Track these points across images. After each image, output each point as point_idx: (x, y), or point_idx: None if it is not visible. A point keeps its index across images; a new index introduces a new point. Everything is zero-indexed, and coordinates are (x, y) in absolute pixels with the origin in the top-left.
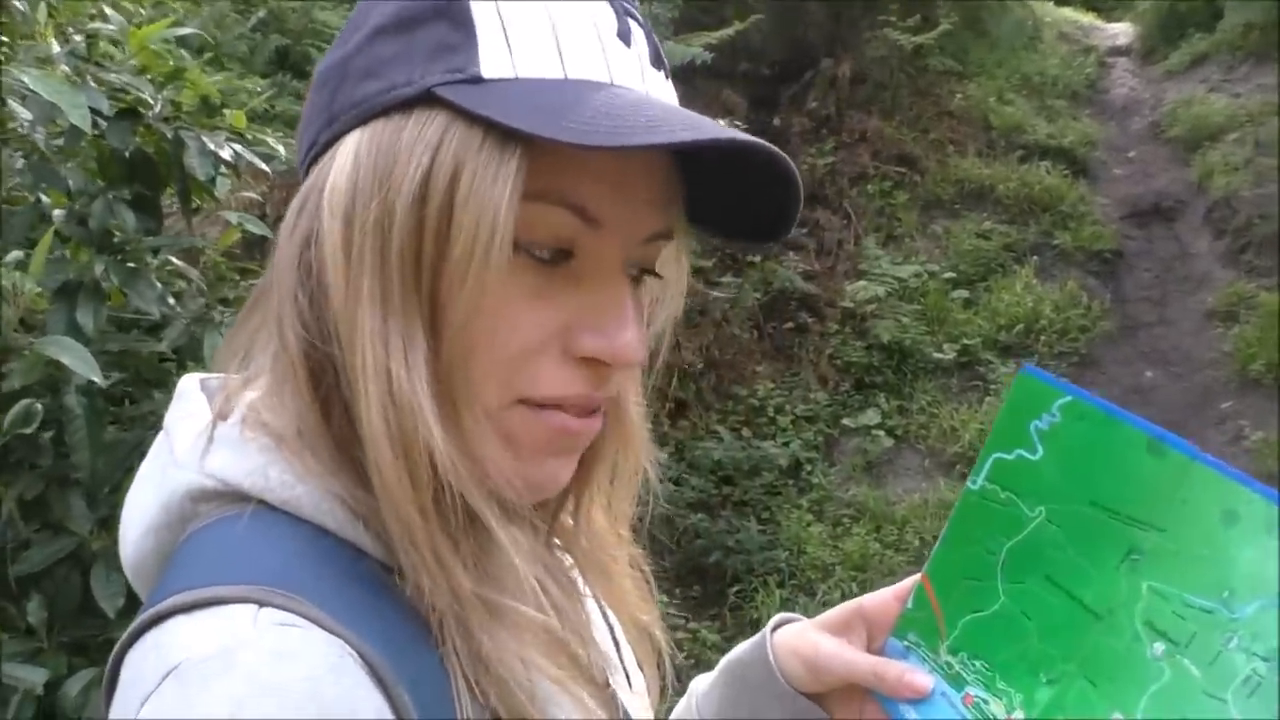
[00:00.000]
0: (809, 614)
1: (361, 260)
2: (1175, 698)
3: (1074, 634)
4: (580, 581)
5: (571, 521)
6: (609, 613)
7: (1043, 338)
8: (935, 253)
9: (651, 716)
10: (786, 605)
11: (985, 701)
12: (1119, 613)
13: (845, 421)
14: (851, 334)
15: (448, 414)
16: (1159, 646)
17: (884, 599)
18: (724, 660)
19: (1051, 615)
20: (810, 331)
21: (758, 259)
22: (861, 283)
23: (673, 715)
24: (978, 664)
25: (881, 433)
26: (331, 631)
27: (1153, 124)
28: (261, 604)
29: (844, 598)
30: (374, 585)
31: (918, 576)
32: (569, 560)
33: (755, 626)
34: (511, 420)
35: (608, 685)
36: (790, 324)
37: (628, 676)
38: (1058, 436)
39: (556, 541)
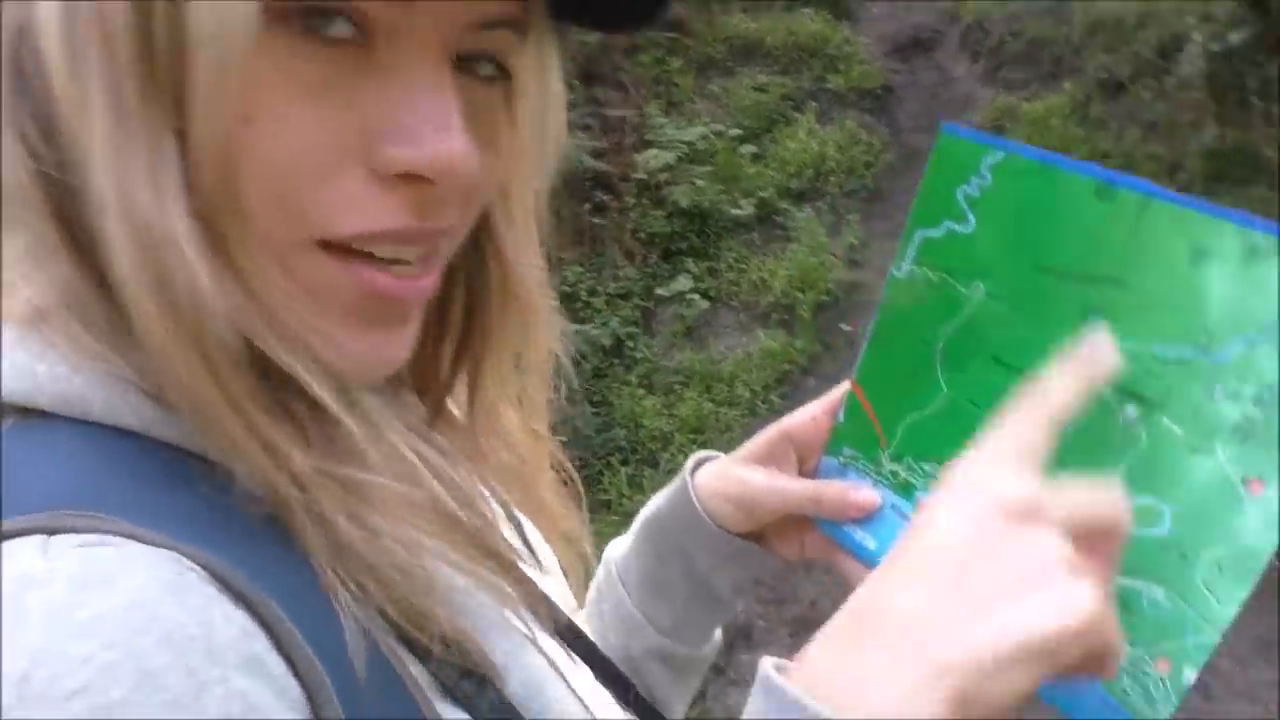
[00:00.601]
0: (655, 485)
1: (85, 49)
2: (1155, 462)
3: None
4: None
5: (465, 418)
6: (519, 515)
7: (832, 178)
8: (718, 112)
9: (571, 599)
10: (632, 481)
11: None
12: None
13: (659, 291)
14: (650, 204)
15: (218, 250)
16: (1131, 410)
17: (810, 416)
18: (640, 518)
19: (1004, 398)
20: (609, 209)
21: None
22: (651, 151)
23: (591, 591)
24: (926, 466)
25: (696, 296)
26: (158, 546)
27: None
28: (51, 532)
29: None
30: (207, 488)
31: (846, 385)
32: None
33: (608, 508)
34: (309, 269)
35: (515, 567)
36: (588, 204)
37: (537, 560)
38: (991, 200)
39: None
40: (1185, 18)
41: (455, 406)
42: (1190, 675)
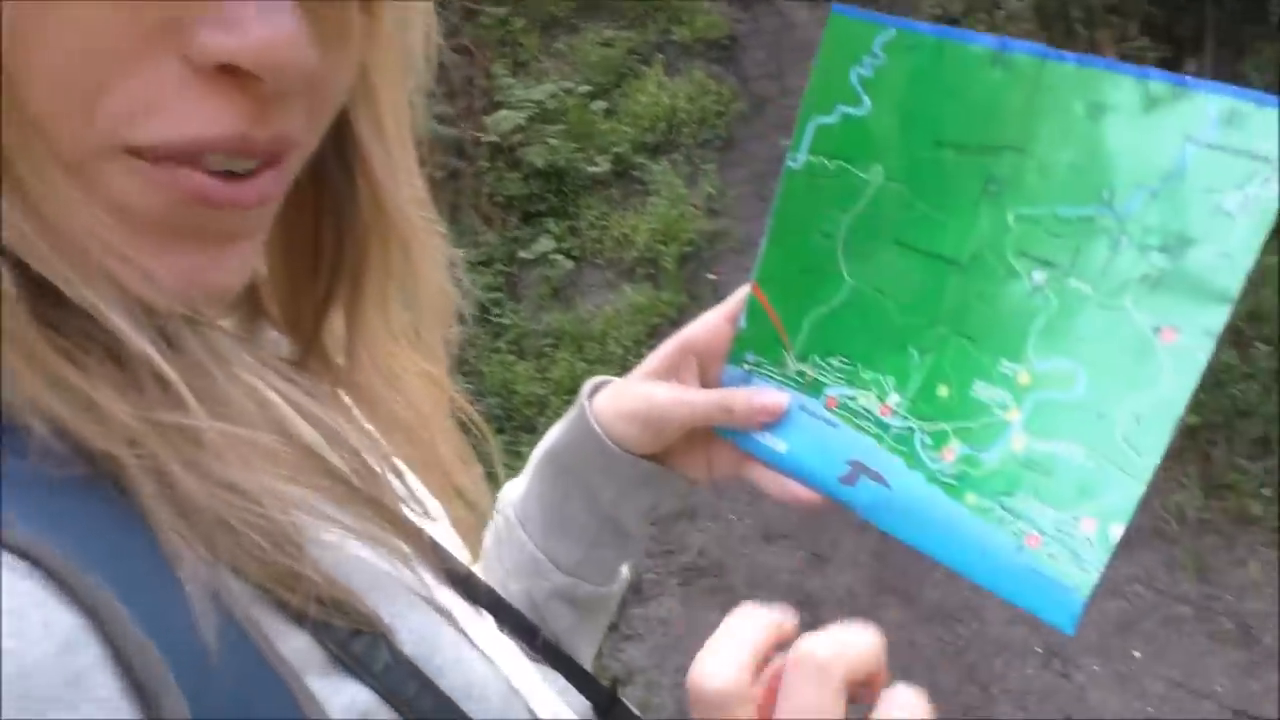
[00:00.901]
0: (532, 450)
1: None
2: (1067, 323)
3: (939, 293)
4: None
5: (345, 359)
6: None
7: (685, 130)
8: (566, 70)
9: (465, 551)
10: (509, 448)
11: (851, 399)
12: (986, 254)
13: (522, 255)
14: (505, 167)
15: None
16: (1039, 275)
17: (711, 324)
18: (537, 454)
19: (909, 282)
20: (463, 175)
21: None
22: (501, 113)
23: (487, 540)
24: (834, 362)
25: (560, 257)
26: None
27: None
28: None
29: None
30: (16, 458)
31: (746, 288)
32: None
33: (489, 478)
34: (114, 180)
35: (400, 516)
36: (441, 172)
37: (425, 509)
38: (885, 80)
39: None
40: None
41: (338, 351)
42: (1116, 530)
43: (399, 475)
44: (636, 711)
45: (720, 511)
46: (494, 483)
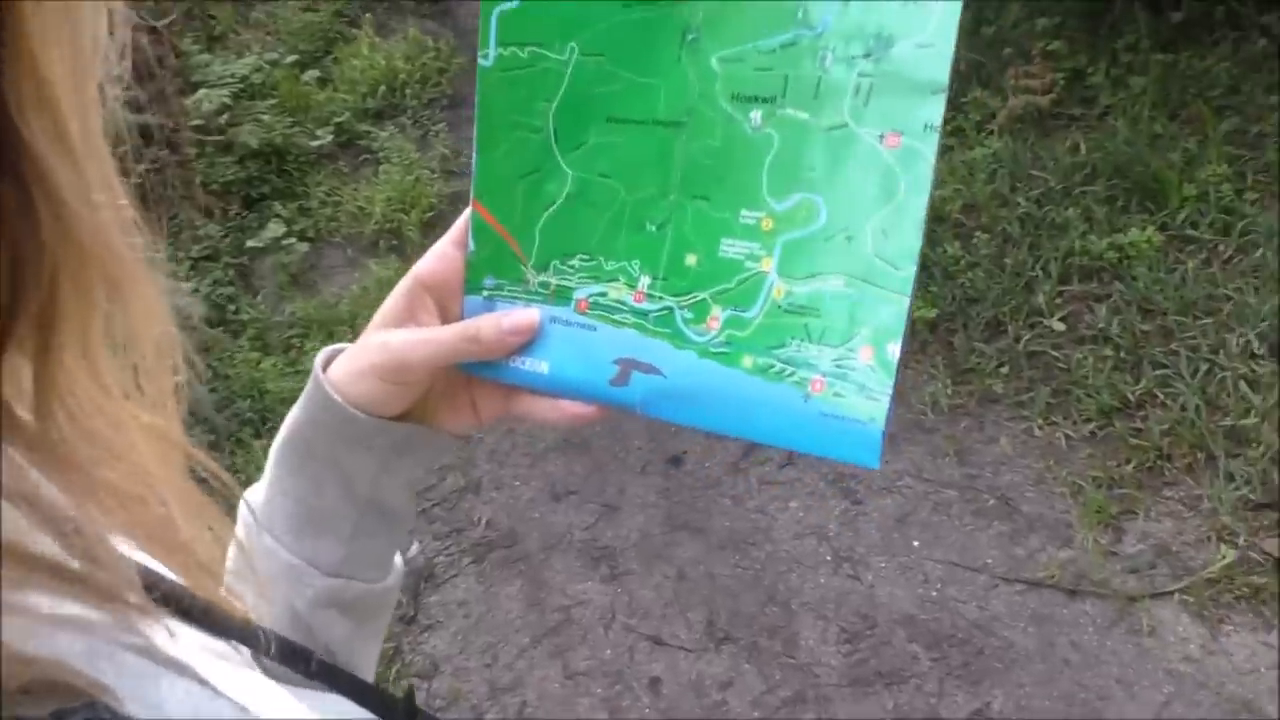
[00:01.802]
0: None
1: None
2: (795, 156)
3: (664, 160)
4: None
5: (34, 413)
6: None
7: (408, 91)
8: (268, 40)
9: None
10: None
11: (602, 295)
12: (700, 108)
13: (251, 244)
14: (216, 151)
15: None
16: (755, 114)
17: (440, 256)
18: (275, 446)
19: (631, 156)
20: (168, 165)
21: None
22: (200, 93)
23: (230, 557)
24: (575, 262)
25: (293, 240)
26: None
27: None
28: None
29: None
30: None
31: (469, 209)
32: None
33: (246, 485)
34: None
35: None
36: (142, 165)
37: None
38: None
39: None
40: None
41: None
42: (894, 349)
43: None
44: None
45: (503, 479)
46: (248, 486)
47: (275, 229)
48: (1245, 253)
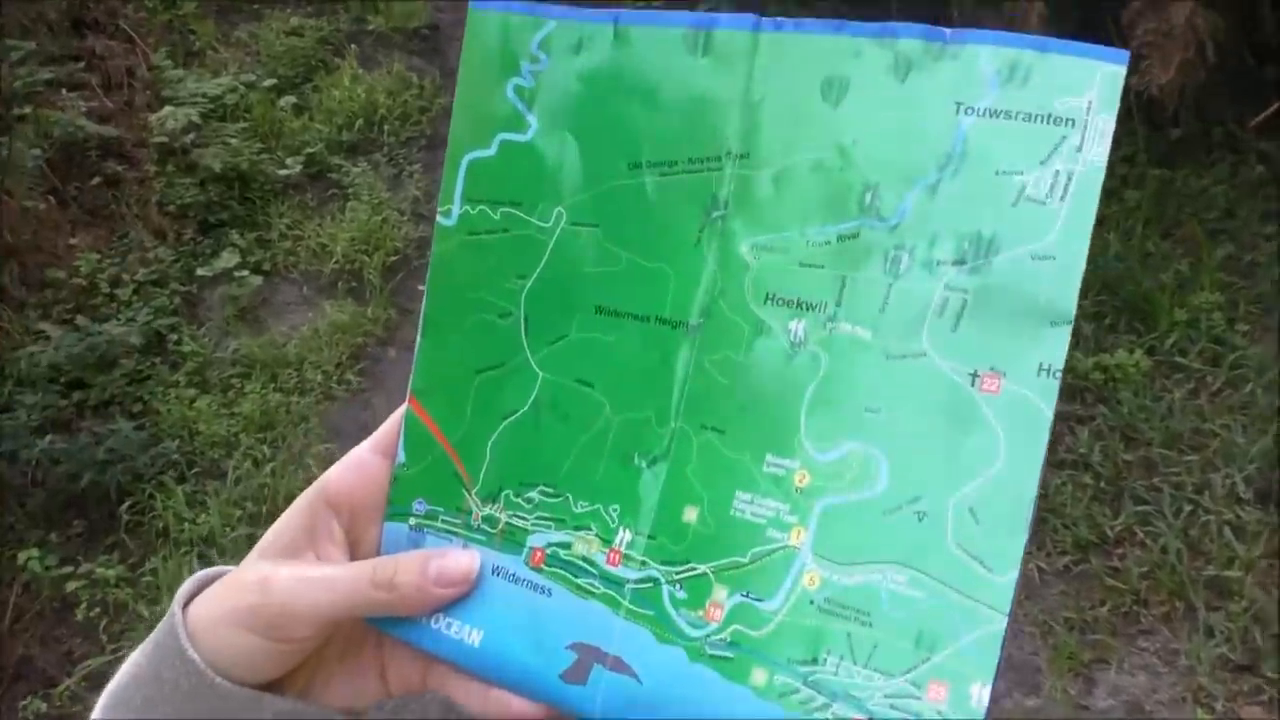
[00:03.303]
0: (222, 502)
1: None
2: (847, 387)
3: (666, 372)
4: None
5: None
6: None
7: (386, 127)
8: (247, 61)
9: None
10: (193, 499)
11: (565, 546)
12: (721, 308)
13: (201, 272)
14: (177, 171)
15: None
16: (797, 325)
17: (358, 464)
18: (102, 701)
19: (623, 362)
20: (125, 181)
21: (27, 109)
22: (168, 109)
23: None
24: (534, 496)
25: (246, 272)
26: None
27: None
28: None
29: (259, 467)
30: None
31: (403, 408)
32: None
33: (166, 536)
34: None
35: None
36: (98, 178)
37: None
38: (551, 89)
39: None
40: None
41: None
42: (980, 693)
43: None
44: None
45: None
46: (170, 539)
47: (229, 258)
48: (1235, 387)
